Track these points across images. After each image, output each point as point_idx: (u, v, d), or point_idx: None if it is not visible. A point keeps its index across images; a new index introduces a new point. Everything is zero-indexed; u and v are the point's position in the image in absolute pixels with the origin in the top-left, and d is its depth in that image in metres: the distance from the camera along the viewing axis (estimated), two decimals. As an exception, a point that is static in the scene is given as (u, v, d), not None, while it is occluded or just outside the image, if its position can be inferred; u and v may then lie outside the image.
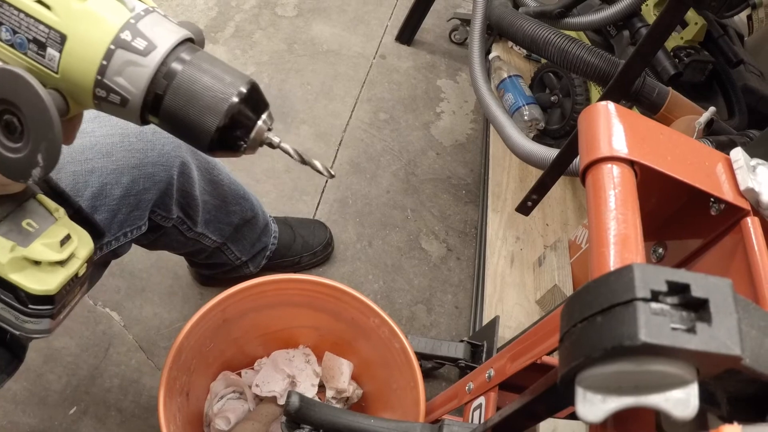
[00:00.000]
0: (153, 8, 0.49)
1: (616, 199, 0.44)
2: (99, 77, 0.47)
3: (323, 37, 2.17)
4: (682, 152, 0.50)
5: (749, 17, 0.80)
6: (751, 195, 0.47)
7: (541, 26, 1.40)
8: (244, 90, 0.49)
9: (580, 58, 1.32)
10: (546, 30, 1.38)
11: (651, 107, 1.35)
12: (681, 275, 0.29)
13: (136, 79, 0.47)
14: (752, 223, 0.47)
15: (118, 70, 0.47)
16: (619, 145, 0.48)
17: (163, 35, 0.48)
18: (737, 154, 0.49)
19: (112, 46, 0.46)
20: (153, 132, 0.92)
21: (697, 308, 0.29)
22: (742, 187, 0.47)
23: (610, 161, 0.47)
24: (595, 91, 1.68)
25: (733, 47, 1.64)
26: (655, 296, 0.29)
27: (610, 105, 0.51)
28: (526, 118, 1.78)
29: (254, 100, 0.50)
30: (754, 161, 0.49)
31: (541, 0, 1.77)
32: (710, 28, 1.53)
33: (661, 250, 0.57)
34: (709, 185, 0.48)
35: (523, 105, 1.79)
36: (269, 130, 0.52)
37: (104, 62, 0.46)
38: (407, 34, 2.23)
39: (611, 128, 0.49)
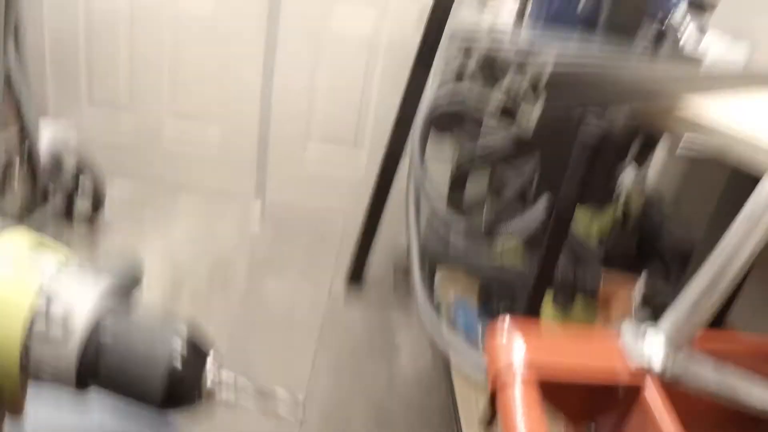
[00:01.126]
0: (66, 261, 0.47)
1: (523, 417, 0.48)
2: (23, 375, 0.45)
3: (276, 291, 2.24)
4: (579, 351, 0.55)
5: (626, 201, 0.89)
6: (644, 357, 0.52)
7: (471, 246, 1.49)
8: (179, 345, 0.47)
9: (513, 267, 1.39)
10: (475, 249, 1.47)
11: (589, 293, 1.41)
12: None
13: (61, 364, 0.44)
14: (649, 396, 0.52)
15: (40, 359, 0.44)
16: (519, 366, 0.53)
17: (81, 308, 0.45)
18: (625, 326, 0.54)
19: (29, 342, 0.44)
20: None
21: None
22: (634, 353, 0.52)
23: (513, 385, 0.52)
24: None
25: (654, 211, 1.77)
26: None
27: (506, 320, 0.56)
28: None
29: (194, 351, 0.48)
30: (643, 326, 0.55)
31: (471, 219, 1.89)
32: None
33: (593, 425, 0.60)
34: (605, 375, 0.53)
35: (475, 322, 1.85)
36: (219, 372, 0.50)
37: (23, 362, 0.44)
38: (355, 275, 2.33)
39: (511, 349, 0.54)
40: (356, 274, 2.33)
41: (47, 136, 2.20)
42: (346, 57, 2.59)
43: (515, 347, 0.54)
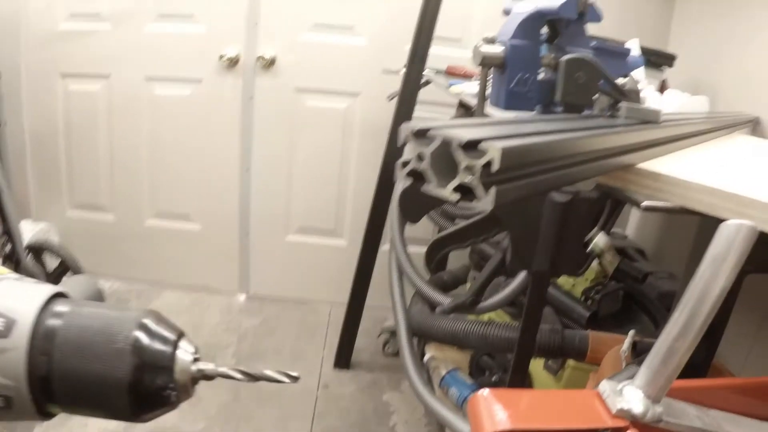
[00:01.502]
0: (3, 276, 0.42)
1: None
2: None
3: (266, 383, 2.22)
4: (559, 414, 0.57)
5: (600, 264, 0.93)
6: (624, 414, 0.54)
7: (457, 320, 1.51)
8: (142, 324, 0.41)
9: (499, 337, 1.42)
10: (462, 323, 1.49)
11: (578, 355, 1.43)
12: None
13: (9, 369, 0.38)
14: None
15: None
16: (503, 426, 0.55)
17: (23, 303, 0.39)
18: (603, 386, 0.57)
19: None
20: None
21: None
22: (613, 411, 0.54)
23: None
24: (533, 363, 1.76)
25: (635, 265, 1.81)
26: None
27: (485, 392, 0.59)
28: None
29: (159, 333, 0.42)
30: (620, 385, 0.57)
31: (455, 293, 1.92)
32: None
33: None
34: (587, 422, 0.55)
35: (468, 395, 1.85)
36: (196, 359, 0.45)
37: None
38: (344, 358, 2.32)
39: (492, 421, 0.56)
40: (345, 358, 2.33)
41: (30, 238, 2.22)
42: (322, 141, 2.66)
43: (496, 419, 0.56)
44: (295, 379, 0.50)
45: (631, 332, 1.29)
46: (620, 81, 1.12)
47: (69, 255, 2.20)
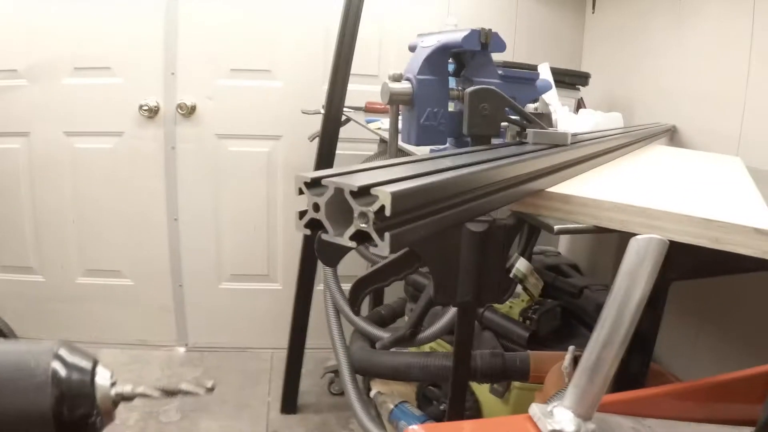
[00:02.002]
0: None
1: None
2: None
3: (212, 434, 2.17)
4: None
5: (525, 288, 0.94)
6: None
7: (397, 355, 1.51)
8: (57, 355, 0.39)
9: (440, 366, 1.42)
10: (402, 356, 1.49)
11: (521, 377, 1.44)
12: None
13: None
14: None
15: None
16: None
17: None
18: (533, 409, 0.57)
19: None
20: None
21: None
22: None
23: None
24: (480, 387, 1.76)
25: (570, 281, 1.84)
26: None
27: (415, 428, 0.58)
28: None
29: (76, 362, 0.40)
30: (550, 406, 0.57)
31: (393, 326, 1.92)
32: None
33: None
34: None
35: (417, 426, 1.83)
36: (113, 384, 0.43)
37: None
38: (289, 403, 2.29)
39: None
40: (291, 402, 2.29)
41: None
42: (247, 186, 2.64)
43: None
44: (210, 390, 0.48)
45: (571, 348, 1.30)
46: (531, 106, 1.15)
47: (-4, 321, 2.10)
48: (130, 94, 2.48)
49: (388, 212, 0.39)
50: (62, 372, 0.39)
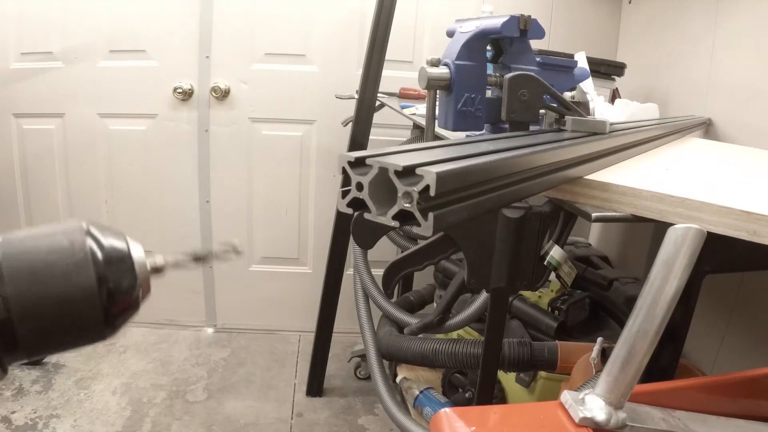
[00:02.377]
0: None
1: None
2: None
3: (238, 413, 2.19)
4: (523, 420, 0.57)
5: (558, 276, 0.94)
6: (587, 422, 0.54)
7: (425, 341, 1.51)
8: (89, 232, 0.37)
9: (468, 353, 1.42)
10: (430, 342, 1.49)
11: (548, 367, 1.44)
12: None
13: None
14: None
15: None
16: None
17: None
18: (565, 396, 0.56)
19: None
20: None
21: None
22: (576, 420, 0.54)
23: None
24: (506, 376, 1.76)
25: (600, 272, 1.83)
26: None
27: (447, 410, 0.59)
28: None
29: (109, 236, 0.38)
30: (582, 394, 0.57)
31: (421, 313, 1.93)
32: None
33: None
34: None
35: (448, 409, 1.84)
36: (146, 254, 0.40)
37: None
38: (316, 385, 2.30)
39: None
40: (317, 385, 2.31)
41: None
42: (280, 170, 2.65)
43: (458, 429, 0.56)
44: (238, 252, 0.44)
45: (599, 339, 1.30)
46: (568, 94, 1.14)
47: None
48: (164, 77, 2.51)
49: (433, 192, 0.39)
50: (99, 248, 0.37)
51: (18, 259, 0.33)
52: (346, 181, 0.43)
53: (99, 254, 0.36)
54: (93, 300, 0.35)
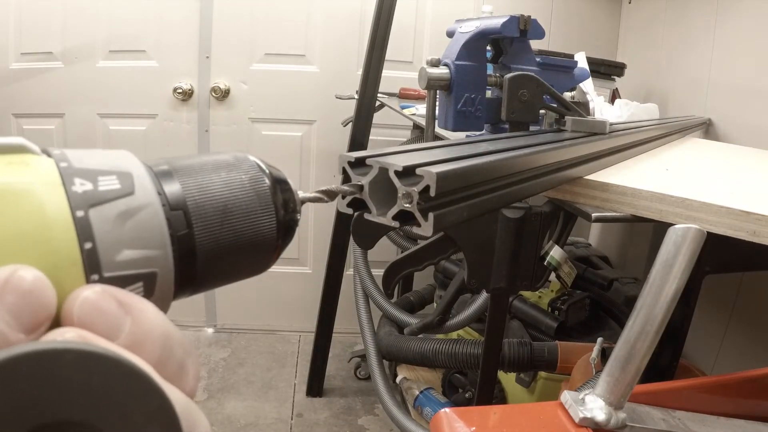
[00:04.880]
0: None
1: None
2: (96, 277, 0.25)
3: (238, 413, 2.20)
4: (523, 420, 0.57)
5: (558, 276, 0.94)
6: (587, 423, 0.54)
7: (425, 341, 1.51)
8: (255, 163, 0.35)
9: (468, 353, 1.42)
10: (430, 343, 1.49)
11: (548, 367, 1.44)
12: None
13: (149, 234, 0.27)
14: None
15: (114, 242, 0.25)
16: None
17: (116, 159, 0.27)
18: (565, 396, 0.57)
19: (80, 212, 0.24)
20: None
21: None
22: (576, 420, 0.54)
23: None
24: (506, 376, 1.76)
25: (600, 273, 1.83)
26: None
27: (447, 410, 0.59)
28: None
29: (274, 174, 0.36)
30: (582, 394, 0.57)
31: (421, 313, 1.93)
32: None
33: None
34: None
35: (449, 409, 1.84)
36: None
37: (87, 245, 0.24)
38: (316, 386, 2.30)
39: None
40: (317, 385, 2.32)
41: None
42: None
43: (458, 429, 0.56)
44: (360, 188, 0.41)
45: (599, 339, 1.30)
46: (568, 94, 1.14)
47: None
48: (164, 77, 2.51)
49: (433, 192, 0.39)
50: (271, 178, 0.35)
51: (204, 196, 0.30)
52: (346, 181, 0.43)
53: (279, 194, 0.34)
54: (272, 241, 0.33)
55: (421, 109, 1.77)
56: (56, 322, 0.22)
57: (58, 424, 0.20)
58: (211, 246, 0.30)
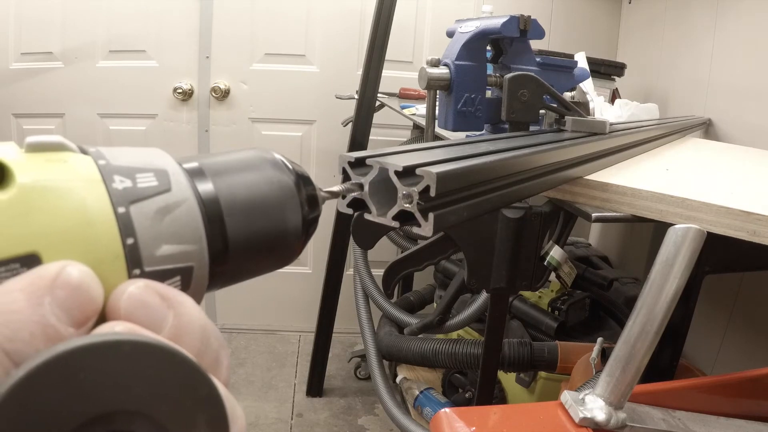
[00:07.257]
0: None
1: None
2: (137, 272, 0.26)
3: (237, 416, 2.19)
4: (523, 420, 0.57)
5: (558, 276, 0.94)
6: (587, 423, 0.54)
7: (425, 341, 1.51)
8: (281, 160, 0.34)
9: (468, 353, 1.42)
10: (430, 343, 1.49)
11: (548, 367, 1.44)
12: None
13: (186, 229, 0.28)
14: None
15: (154, 238, 0.26)
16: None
17: (150, 156, 0.29)
18: (565, 396, 0.57)
19: (121, 208, 0.25)
20: None
21: None
22: (576, 420, 0.54)
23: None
24: (506, 376, 1.76)
25: (600, 273, 1.83)
26: None
27: (447, 410, 0.59)
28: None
29: (298, 171, 0.35)
30: (582, 394, 0.57)
31: (421, 313, 1.93)
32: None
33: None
34: None
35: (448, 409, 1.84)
36: None
37: (129, 240, 0.25)
38: (316, 386, 2.31)
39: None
40: (317, 385, 2.32)
41: None
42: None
43: (458, 428, 0.56)
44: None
45: (599, 339, 1.30)
46: (568, 94, 1.14)
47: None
48: (164, 77, 2.51)
49: (433, 192, 0.39)
50: (293, 171, 0.35)
51: (234, 193, 0.31)
52: (346, 181, 0.43)
53: (303, 191, 0.34)
54: (297, 236, 0.33)
55: (421, 109, 1.77)
56: (101, 317, 0.23)
57: (112, 414, 0.21)
58: (242, 241, 0.31)
